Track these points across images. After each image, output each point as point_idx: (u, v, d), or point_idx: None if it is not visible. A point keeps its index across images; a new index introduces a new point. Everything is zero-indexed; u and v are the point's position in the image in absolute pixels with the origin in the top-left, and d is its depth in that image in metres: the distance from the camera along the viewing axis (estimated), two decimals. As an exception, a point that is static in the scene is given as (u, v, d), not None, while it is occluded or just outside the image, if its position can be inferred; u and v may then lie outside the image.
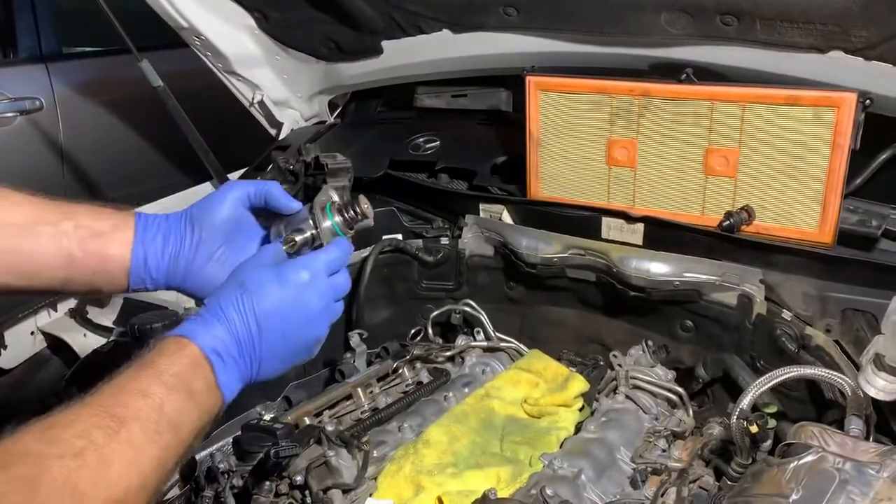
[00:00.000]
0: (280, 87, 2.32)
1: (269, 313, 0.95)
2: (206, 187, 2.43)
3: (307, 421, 1.43)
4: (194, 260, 1.09)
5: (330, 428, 1.33)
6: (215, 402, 0.92)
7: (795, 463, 1.06)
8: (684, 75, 1.56)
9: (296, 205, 1.11)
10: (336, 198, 1.10)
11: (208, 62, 2.27)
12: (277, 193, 1.10)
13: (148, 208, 1.24)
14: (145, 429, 0.81)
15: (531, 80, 1.72)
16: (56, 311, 1.73)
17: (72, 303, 1.74)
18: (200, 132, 2.33)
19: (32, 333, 1.70)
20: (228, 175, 2.37)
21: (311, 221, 1.08)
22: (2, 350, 1.64)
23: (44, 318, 1.71)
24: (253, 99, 2.35)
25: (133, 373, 0.86)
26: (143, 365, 0.87)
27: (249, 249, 1.12)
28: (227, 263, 1.09)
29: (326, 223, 1.08)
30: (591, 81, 1.66)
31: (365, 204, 1.10)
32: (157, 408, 0.83)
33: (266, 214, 1.13)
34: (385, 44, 1.95)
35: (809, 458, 1.06)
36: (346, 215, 1.09)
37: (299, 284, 0.98)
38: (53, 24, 3.53)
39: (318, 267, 1.01)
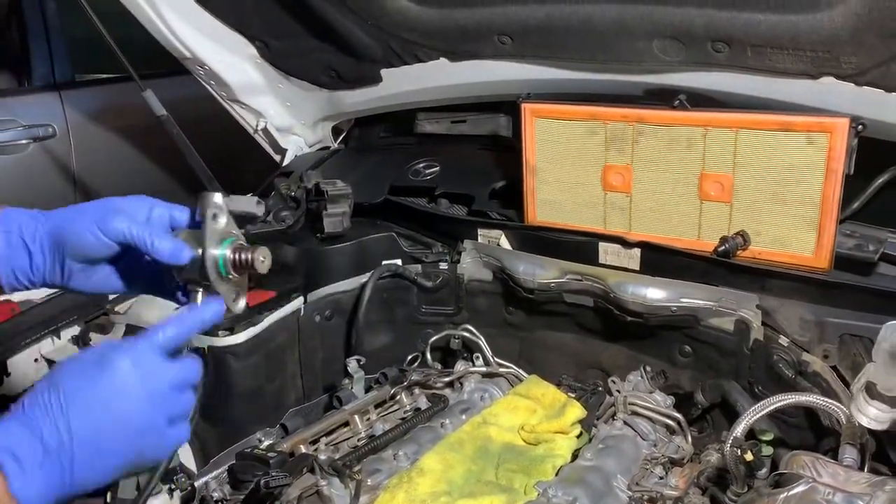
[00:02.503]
0: (284, 114, 2.35)
1: (83, 421, 0.81)
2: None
3: (303, 448, 1.43)
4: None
5: (323, 457, 1.33)
6: None
7: (785, 494, 1.06)
8: (677, 101, 1.56)
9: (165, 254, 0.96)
10: (229, 252, 0.95)
11: (212, 90, 2.31)
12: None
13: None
14: None
15: (526, 108, 1.73)
16: (59, 338, 1.75)
17: (75, 330, 1.76)
18: (206, 157, 2.35)
19: (36, 360, 1.71)
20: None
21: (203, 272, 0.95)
22: (4, 377, 1.65)
23: (47, 346, 1.73)
24: (257, 126, 2.39)
25: None
26: None
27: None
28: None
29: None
30: (585, 108, 1.67)
31: (262, 257, 0.96)
32: None
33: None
34: (384, 72, 1.98)
35: (800, 489, 1.06)
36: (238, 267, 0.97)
37: (127, 394, 0.84)
38: (67, 52, 3.60)
39: (159, 377, 0.86)
